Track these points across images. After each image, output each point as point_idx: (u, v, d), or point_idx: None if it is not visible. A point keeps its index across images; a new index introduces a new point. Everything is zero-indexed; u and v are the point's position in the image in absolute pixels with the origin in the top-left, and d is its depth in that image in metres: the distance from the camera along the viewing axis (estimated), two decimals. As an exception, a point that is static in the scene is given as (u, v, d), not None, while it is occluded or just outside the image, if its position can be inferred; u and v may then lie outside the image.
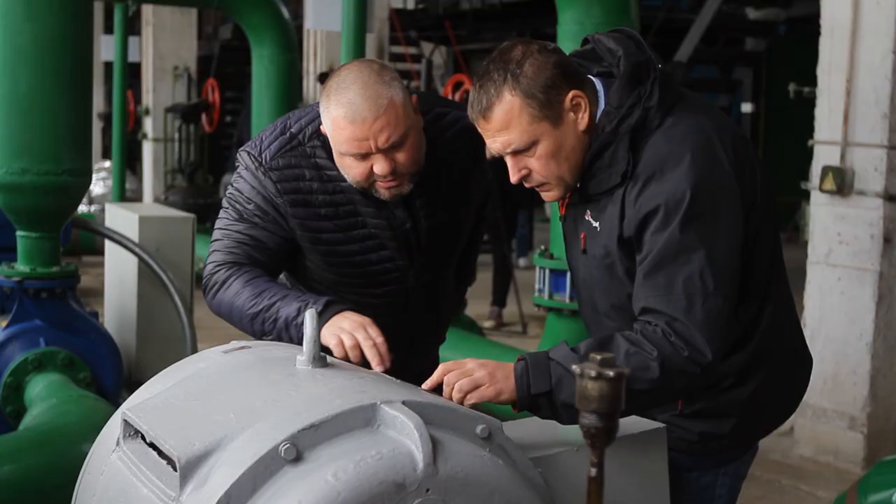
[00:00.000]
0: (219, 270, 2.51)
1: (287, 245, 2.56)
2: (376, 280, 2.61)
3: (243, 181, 2.54)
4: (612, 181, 2.21)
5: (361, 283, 2.62)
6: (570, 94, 2.19)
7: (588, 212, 2.31)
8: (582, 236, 2.34)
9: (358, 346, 2.20)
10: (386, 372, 2.21)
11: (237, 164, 2.59)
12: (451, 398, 2.01)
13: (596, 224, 2.28)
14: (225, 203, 2.58)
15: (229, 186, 2.60)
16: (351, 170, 2.43)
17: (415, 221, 2.58)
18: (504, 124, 2.18)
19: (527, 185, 2.29)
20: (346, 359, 2.18)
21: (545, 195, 2.32)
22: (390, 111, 2.36)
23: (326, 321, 2.26)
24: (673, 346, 2.07)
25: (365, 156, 2.38)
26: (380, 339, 2.22)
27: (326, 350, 2.13)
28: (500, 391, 2.04)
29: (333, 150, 2.46)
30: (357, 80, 2.37)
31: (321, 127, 2.48)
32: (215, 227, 2.60)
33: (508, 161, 2.24)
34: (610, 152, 2.20)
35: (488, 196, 2.94)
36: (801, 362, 2.52)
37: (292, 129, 2.55)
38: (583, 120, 2.21)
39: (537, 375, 2.04)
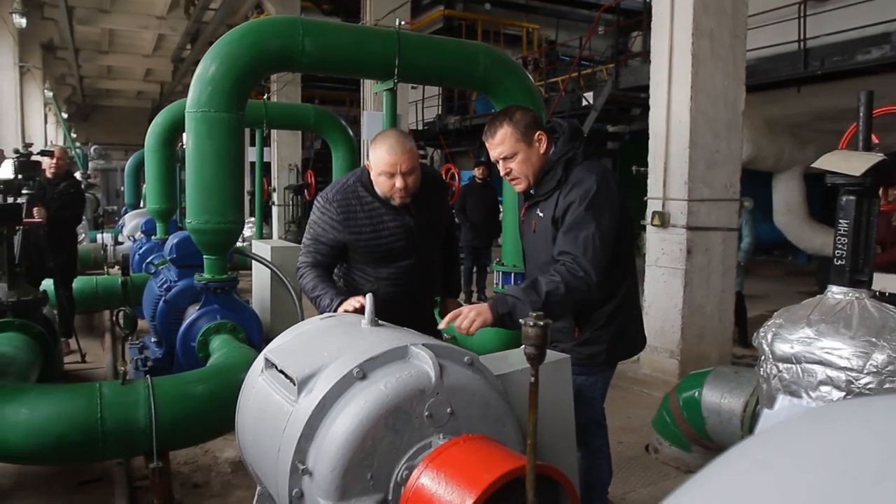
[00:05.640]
0: (300, 267, 2.59)
1: (339, 247, 2.59)
2: (396, 255, 2.61)
3: (318, 212, 2.60)
4: (551, 187, 2.30)
5: (388, 259, 2.61)
6: (538, 132, 2.31)
7: (538, 209, 2.36)
8: (534, 224, 2.38)
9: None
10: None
11: (316, 203, 2.65)
12: (461, 332, 2.10)
13: (542, 214, 2.34)
14: (307, 226, 2.65)
15: (311, 215, 2.63)
16: (383, 184, 2.49)
17: (414, 221, 2.59)
18: (501, 141, 2.30)
19: (507, 178, 2.36)
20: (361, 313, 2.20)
21: (516, 187, 2.36)
22: (410, 153, 2.47)
23: (342, 303, 2.32)
24: (571, 273, 2.13)
25: (391, 175, 2.46)
26: (358, 305, 2.24)
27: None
28: (484, 318, 2.08)
29: (374, 174, 2.50)
30: (394, 134, 2.50)
31: (360, 174, 2.59)
32: (303, 240, 2.66)
33: (500, 164, 2.33)
34: (552, 172, 2.30)
35: (452, 220, 2.99)
36: (640, 322, 2.50)
37: (344, 181, 2.63)
38: (542, 147, 2.31)
39: (501, 304, 2.09)
